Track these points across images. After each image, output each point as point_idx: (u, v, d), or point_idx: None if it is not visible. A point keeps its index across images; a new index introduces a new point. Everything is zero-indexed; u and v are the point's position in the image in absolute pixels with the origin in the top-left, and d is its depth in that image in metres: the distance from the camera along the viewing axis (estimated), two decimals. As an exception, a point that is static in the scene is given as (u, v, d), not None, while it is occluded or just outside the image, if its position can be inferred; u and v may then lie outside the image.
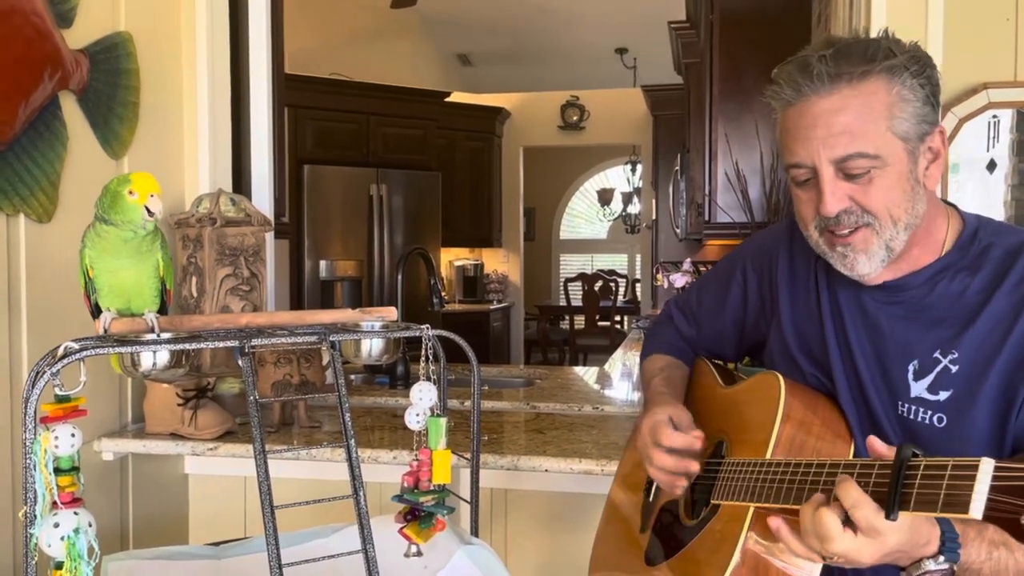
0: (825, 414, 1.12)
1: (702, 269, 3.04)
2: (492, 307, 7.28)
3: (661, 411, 1.22)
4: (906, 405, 1.08)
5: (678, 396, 1.32)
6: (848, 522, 0.87)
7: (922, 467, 0.82)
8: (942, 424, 1.05)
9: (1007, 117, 1.90)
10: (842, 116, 1.00)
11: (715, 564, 1.06)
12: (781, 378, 1.13)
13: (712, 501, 1.14)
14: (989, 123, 1.91)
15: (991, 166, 1.92)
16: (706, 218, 3.05)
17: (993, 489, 0.76)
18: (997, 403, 1.02)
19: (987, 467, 0.76)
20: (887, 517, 0.83)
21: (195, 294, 1.95)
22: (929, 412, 1.06)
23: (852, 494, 0.86)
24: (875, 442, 0.91)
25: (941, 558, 0.88)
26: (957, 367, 1.05)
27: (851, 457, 1.08)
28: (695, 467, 1.16)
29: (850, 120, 1.00)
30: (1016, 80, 1.88)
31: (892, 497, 0.83)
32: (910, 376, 1.08)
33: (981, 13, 1.89)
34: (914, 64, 1.01)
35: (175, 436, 1.91)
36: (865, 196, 1.02)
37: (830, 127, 1.01)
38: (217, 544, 1.53)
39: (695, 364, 1.43)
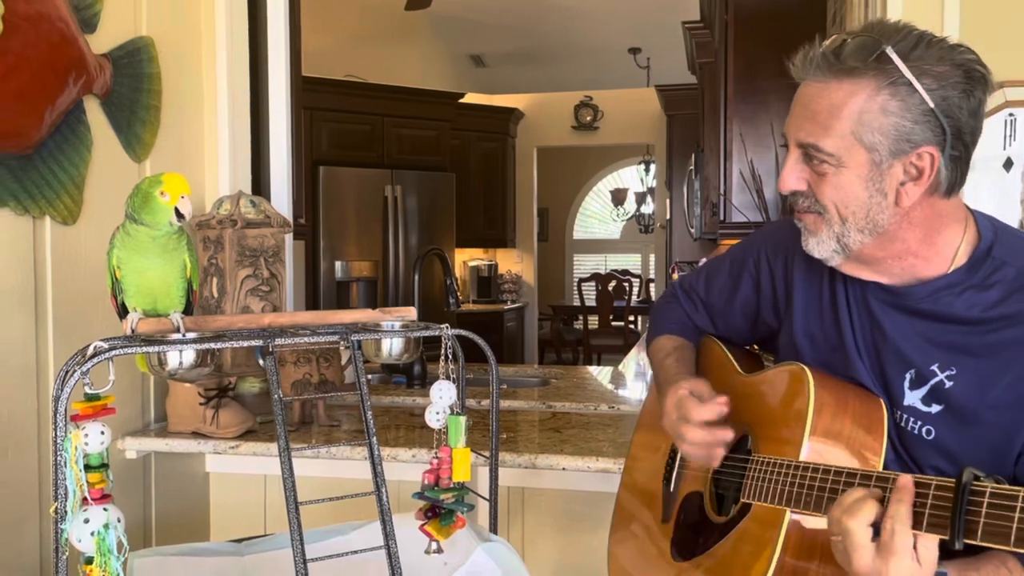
0: (856, 407, 1.09)
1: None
2: (506, 307, 7.29)
3: (682, 386, 1.22)
4: (898, 412, 1.08)
5: (694, 373, 1.31)
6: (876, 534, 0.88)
7: (988, 494, 0.80)
8: (930, 436, 1.05)
9: (1024, 115, 1.90)
10: (815, 105, 1.02)
11: (751, 569, 1.04)
12: (808, 370, 1.11)
13: (742, 500, 1.13)
14: (1006, 121, 1.91)
15: (1008, 164, 1.92)
16: (721, 217, 3.05)
17: None
18: (990, 432, 1.01)
19: None
20: (952, 546, 0.82)
21: (216, 295, 1.98)
22: (919, 423, 1.06)
23: (899, 509, 0.87)
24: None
25: None
26: (952, 383, 1.03)
27: (882, 453, 1.06)
28: (730, 435, 1.16)
29: (819, 111, 1.01)
30: (1033, 78, 1.87)
31: (956, 524, 0.80)
32: (906, 384, 1.07)
33: (997, 11, 1.89)
34: (926, 78, 0.96)
35: (197, 435, 1.94)
36: (818, 186, 1.04)
37: (804, 110, 1.03)
38: (239, 541, 1.55)
39: (706, 344, 1.40)
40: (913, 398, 1.06)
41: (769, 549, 1.03)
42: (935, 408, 1.05)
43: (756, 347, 1.44)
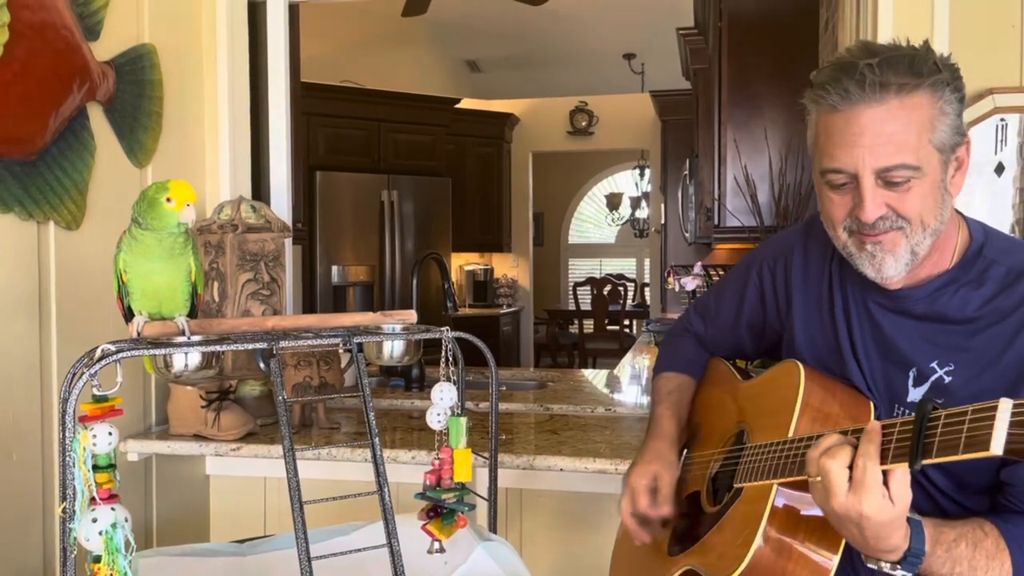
0: (844, 399, 1.15)
1: (712, 272, 3.07)
2: (502, 311, 7.31)
3: (646, 472, 1.31)
4: (902, 408, 1.14)
5: (680, 428, 1.39)
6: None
7: (943, 417, 0.88)
8: None
9: (1015, 121, 1.93)
10: (889, 127, 1.02)
11: (738, 544, 1.09)
12: (800, 365, 1.16)
13: (735, 485, 1.17)
14: (997, 126, 1.94)
15: (999, 169, 1.95)
16: (715, 222, 3.08)
17: (1012, 425, 0.81)
18: None
19: (1006, 405, 0.82)
20: (911, 466, 0.89)
21: (217, 298, 2.00)
22: None
23: (868, 448, 0.93)
24: None
25: (898, 568, 0.96)
26: (951, 379, 1.09)
27: None
28: (647, 539, 1.30)
29: (896, 131, 1.02)
30: (1022, 85, 1.90)
31: (915, 447, 0.88)
32: (910, 382, 1.13)
33: (987, 19, 1.92)
34: (954, 79, 1.04)
35: (198, 437, 1.95)
36: (901, 203, 1.05)
37: (877, 137, 1.02)
38: (242, 542, 1.57)
39: (713, 363, 1.47)
40: (916, 394, 1.12)
41: (755, 523, 1.07)
42: None
43: (760, 360, 1.51)
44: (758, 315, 1.37)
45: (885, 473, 0.93)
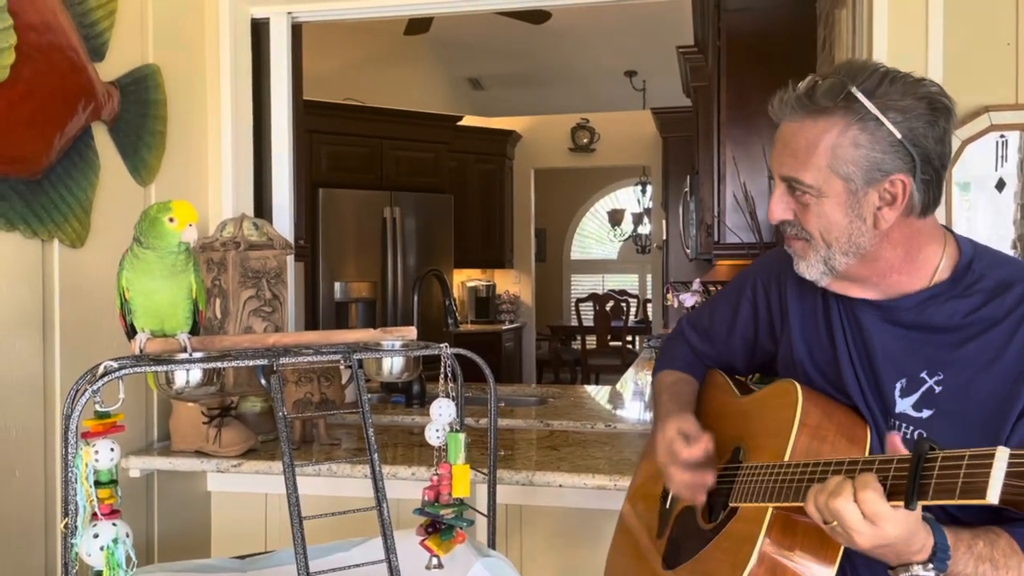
0: (841, 419, 1.16)
1: (712, 289, 3.08)
2: (504, 327, 7.32)
3: (670, 426, 1.30)
4: (891, 419, 1.15)
5: (685, 408, 1.38)
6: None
7: (939, 459, 0.88)
8: None
9: (1015, 138, 1.94)
10: (793, 143, 1.11)
11: (733, 564, 1.09)
12: (798, 385, 1.18)
13: (730, 504, 1.18)
14: (997, 143, 1.95)
15: (1000, 185, 1.96)
16: (715, 239, 3.10)
17: (1009, 475, 0.82)
18: (979, 428, 1.07)
19: (1003, 455, 0.83)
20: (906, 506, 0.89)
21: (219, 315, 2.01)
22: (911, 428, 1.12)
23: (865, 478, 0.93)
24: (895, 440, 0.98)
25: (930, 566, 0.95)
26: (941, 388, 1.11)
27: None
28: (711, 479, 1.23)
29: (797, 149, 1.10)
30: (1018, 103, 1.92)
31: (911, 488, 0.89)
32: (897, 393, 1.14)
33: (982, 38, 1.93)
34: (891, 112, 1.04)
35: (200, 453, 1.96)
36: (803, 216, 1.13)
37: (785, 147, 1.12)
38: (242, 557, 1.58)
39: (710, 376, 1.48)
40: (904, 405, 1.13)
41: (751, 543, 1.08)
42: (926, 413, 1.11)
43: (756, 375, 1.51)
44: (751, 330, 1.38)
45: None
